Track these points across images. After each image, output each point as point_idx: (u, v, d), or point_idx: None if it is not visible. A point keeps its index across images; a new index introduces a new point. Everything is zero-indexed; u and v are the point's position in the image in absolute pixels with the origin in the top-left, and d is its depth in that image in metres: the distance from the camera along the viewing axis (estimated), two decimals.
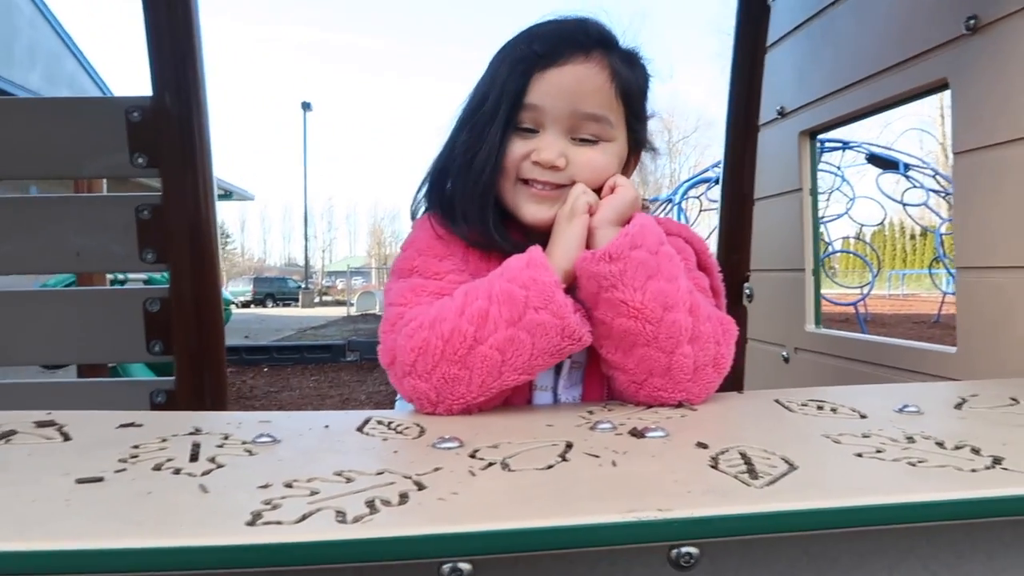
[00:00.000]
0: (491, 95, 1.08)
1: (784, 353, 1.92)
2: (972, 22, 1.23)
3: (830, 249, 13.70)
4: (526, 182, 1.08)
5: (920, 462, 0.72)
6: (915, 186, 11.35)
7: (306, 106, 36.96)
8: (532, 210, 1.08)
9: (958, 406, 0.94)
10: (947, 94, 1.32)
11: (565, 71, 1.05)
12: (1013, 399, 0.96)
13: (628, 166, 1.18)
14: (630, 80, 1.10)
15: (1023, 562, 0.72)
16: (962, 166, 1.28)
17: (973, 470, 0.69)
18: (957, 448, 0.76)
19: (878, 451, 0.75)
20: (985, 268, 1.23)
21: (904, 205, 11.42)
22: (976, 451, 0.75)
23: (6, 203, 1.94)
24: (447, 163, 1.13)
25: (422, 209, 1.18)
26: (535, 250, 0.98)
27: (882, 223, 14.65)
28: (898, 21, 1.43)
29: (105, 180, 3.17)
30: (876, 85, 1.50)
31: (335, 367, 9.02)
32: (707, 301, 1.06)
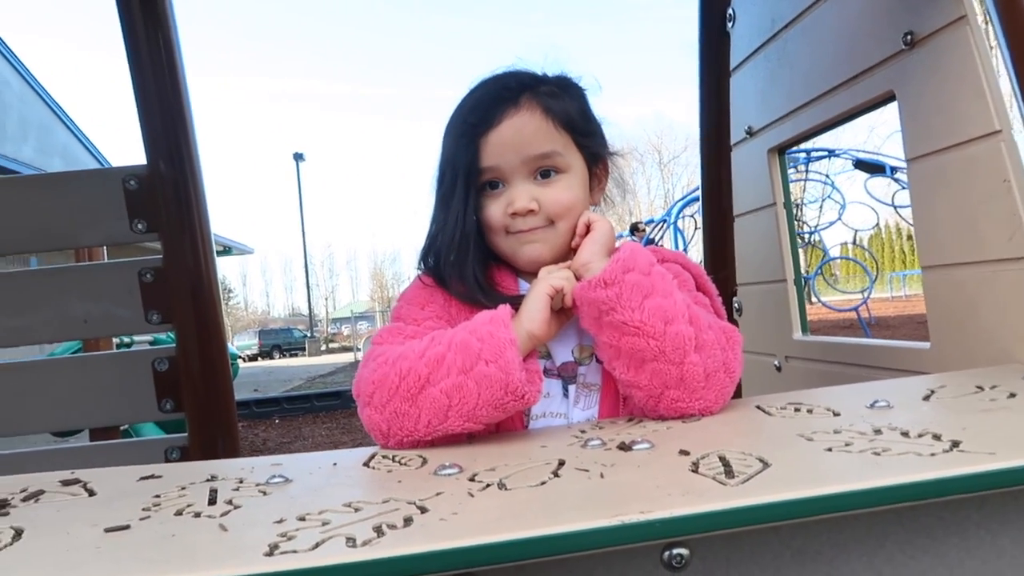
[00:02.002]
0: (448, 172, 1.18)
1: (776, 362, 1.98)
2: (909, 37, 1.31)
3: (827, 256, 13.76)
4: (515, 233, 1.17)
5: (884, 451, 0.77)
6: (904, 187, 11.44)
7: (298, 157, 37.31)
8: (527, 251, 1.17)
9: (926, 398, 0.99)
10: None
11: (503, 128, 1.14)
12: (978, 387, 1.02)
13: (599, 179, 1.26)
14: (563, 108, 1.18)
15: (993, 540, 0.77)
16: (915, 171, 1.35)
17: (932, 454, 0.75)
18: (920, 436, 0.81)
19: (847, 445, 0.81)
20: (946, 266, 1.30)
21: (895, 207, 11.50)
22: (937, 437, 0.80)
23: (12, 277, 2.00)
24: (433, 235, 1.22)
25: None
26: (503, 308, 1.05)
27: (876, 226, 14.69)
28: (844, 40, 1.52)
29: (105, 248, 3.25)
30: (831, 101, 1.58)
31: (346, 413, 9.02)
32: (707, 314, 1.11)
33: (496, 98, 1.17)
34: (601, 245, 1.12)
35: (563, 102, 1.19)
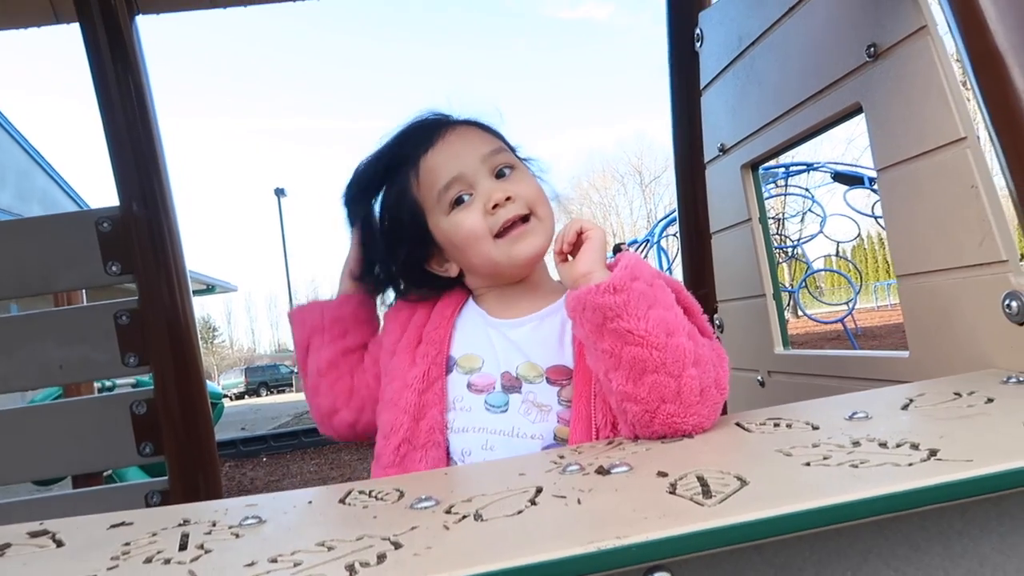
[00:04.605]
0: (393, 210, 1.28)
1: (759, 378, 1.97)
2: (872, 49, 1.32)
3: (810, 269, 13.84)
4: (501, 235, 1.17)
5: (862, 463, 0.76)
6: None
7: (279, 192, 37.20)
8: (524, 246, 1.18)
9: (905, 407, 0.99)
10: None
11: (448, 138, 1.21)
12: (956, 393, 1.01)
13: None
14: (488, 126, 1.26)
15: (976, 547, 0.76)
16: (885, 181, 1.36)
17: (910, 464, 0.74)
18: (898, 446, 0.81)
19: (825, 458, 0.80)
20: (920, 273, 1.30)
21: (875, 218, 11.59)
22: (915, 446, 0.79)
23: None
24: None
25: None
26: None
27: (858, 237, 14.79)
28: (810, 55, 1.53)
29: (84, 291, 3.22)
30: (800, 116, 1.60)
31: (334, 448, 8.92)
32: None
33: (425, 125, 1.24)
34: (601, 255, 1.10)
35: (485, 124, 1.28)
